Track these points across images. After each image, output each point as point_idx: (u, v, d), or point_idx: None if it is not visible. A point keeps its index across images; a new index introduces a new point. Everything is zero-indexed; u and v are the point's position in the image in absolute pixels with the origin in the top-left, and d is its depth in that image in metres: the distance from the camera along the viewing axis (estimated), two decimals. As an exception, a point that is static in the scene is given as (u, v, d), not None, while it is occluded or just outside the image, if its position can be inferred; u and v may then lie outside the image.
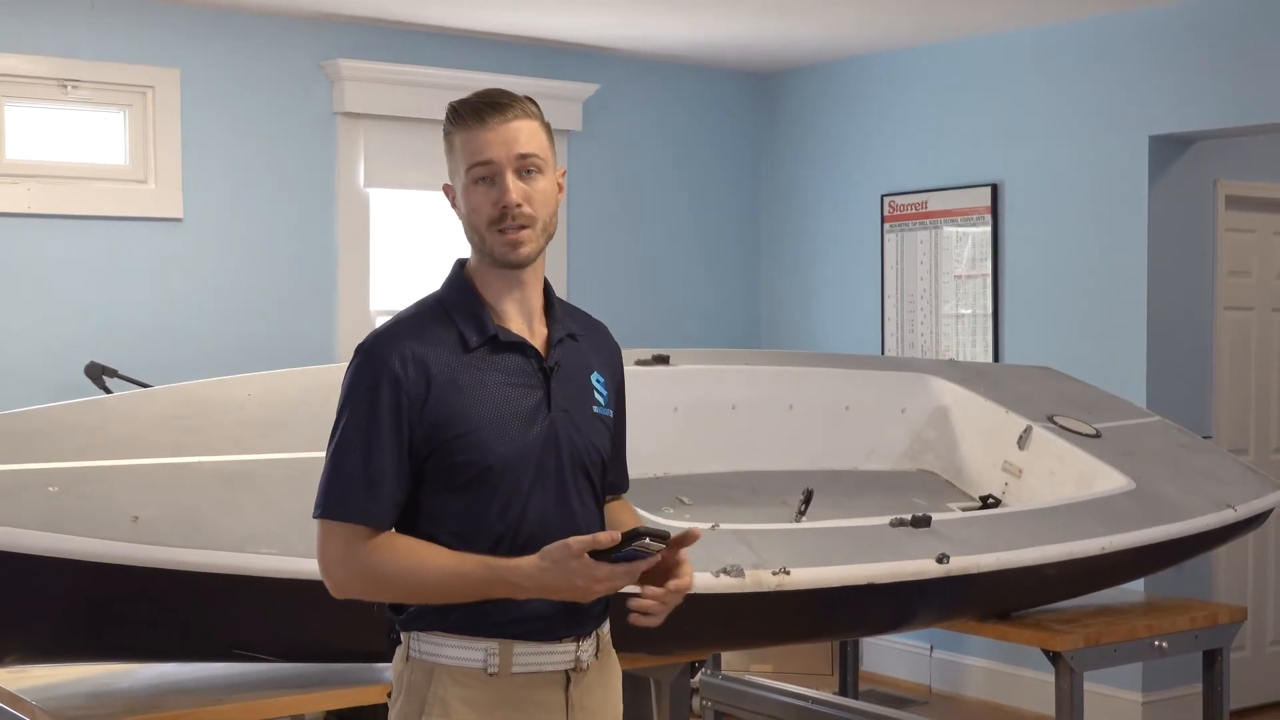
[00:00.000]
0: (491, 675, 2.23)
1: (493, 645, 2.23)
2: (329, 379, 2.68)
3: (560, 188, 2.34)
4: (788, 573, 3.30)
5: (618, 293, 6.91)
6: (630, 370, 4.28)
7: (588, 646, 2.31)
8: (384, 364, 2.22)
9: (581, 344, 2.40)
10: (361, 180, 6.13)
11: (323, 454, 2.25)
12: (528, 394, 2.28)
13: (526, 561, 2.16)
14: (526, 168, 2.27)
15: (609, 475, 2.44)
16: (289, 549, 2.87)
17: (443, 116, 2.33)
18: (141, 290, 5.67)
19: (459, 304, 2.31)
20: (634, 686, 4.40)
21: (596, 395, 2.38)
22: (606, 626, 2.38)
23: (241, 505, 2.95)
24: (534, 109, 2.32)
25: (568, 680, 2.28)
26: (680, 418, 4.36)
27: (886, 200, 6.85)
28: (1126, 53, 5.98)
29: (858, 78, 7.01)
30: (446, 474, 2.23)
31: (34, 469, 2.83)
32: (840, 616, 3.65)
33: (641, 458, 4.22)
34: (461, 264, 2.37)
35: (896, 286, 6.82)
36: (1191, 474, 4.37)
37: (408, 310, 2.34)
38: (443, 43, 6.29)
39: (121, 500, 2.83)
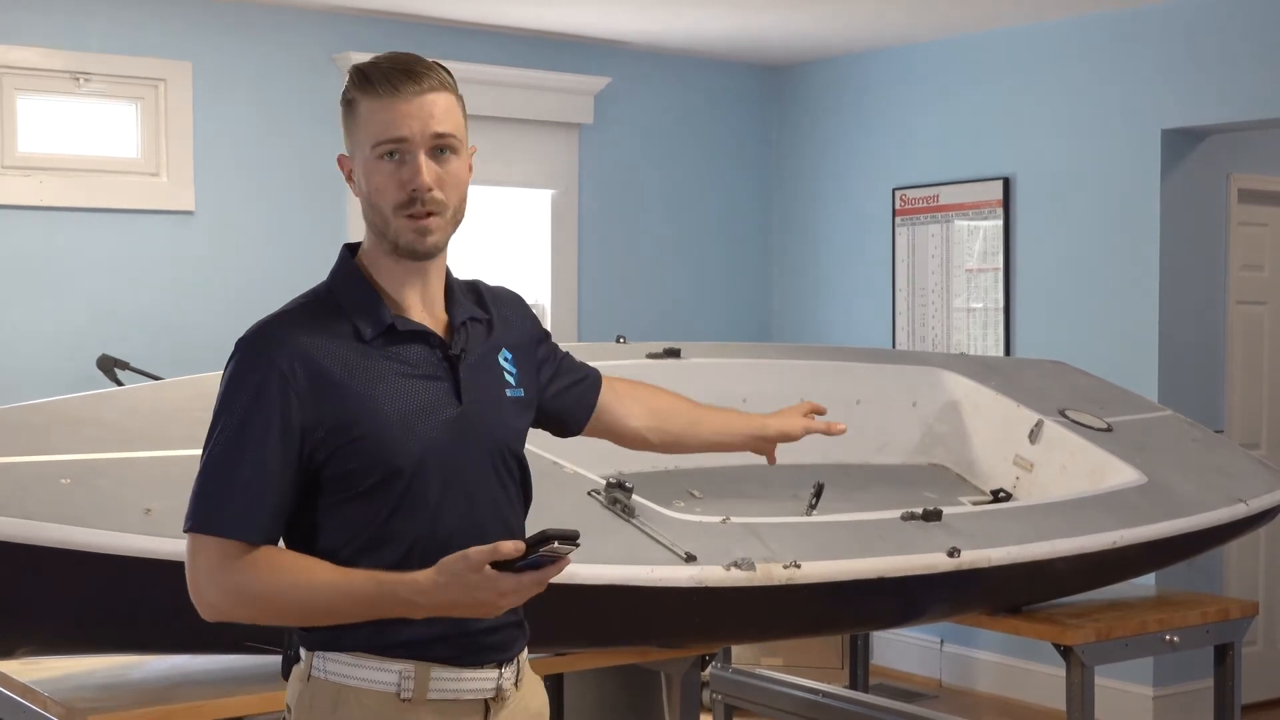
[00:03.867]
0: (405, 700, 2.01)
1: (408, 668, 2.01)
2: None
3: (470, 169, 2.11)
4: (798, 566, 3.29)
5: (629, 286, 6.91)
6: (641, 364, 4.32)
7: (509, 674, 2.11)
8: (269, 360, 1.99)
9: (484, 324, 2.18)
10: (373, 173, 6.12)
11: None
12: (433, 386, 2.05)
13: (423, 576, 1.91)
14: (440, 147, 2.04)
15: (579, 394, 2.37)
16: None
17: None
18: (153, 283, 5.69)
19: (350, 295, 2.09)
20: (644, 681, 4.41)
21: (507, 377, 2.17)
22: (526, 651, 2.19)
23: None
24: (449, 79, 2.08)
25: (486, 710, 2.07)
26: (691, 411, 4.34)
27: (898, 194, 6.84)
28: (1138, 46, 5.96)
29: (869, 71, 7.00)
30: (346, 481, 2.00)
31: (46, 461, 2.83)
32: (851, 610, 3.64)
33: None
34: (351, 251, 2.15)
35: (908, 280, 6.81)
36: (1203, 468, 4.36)
37: (292, 303, 2.11)
38: (454, 36, 6.29)
39: (134, 493, 2.83)
